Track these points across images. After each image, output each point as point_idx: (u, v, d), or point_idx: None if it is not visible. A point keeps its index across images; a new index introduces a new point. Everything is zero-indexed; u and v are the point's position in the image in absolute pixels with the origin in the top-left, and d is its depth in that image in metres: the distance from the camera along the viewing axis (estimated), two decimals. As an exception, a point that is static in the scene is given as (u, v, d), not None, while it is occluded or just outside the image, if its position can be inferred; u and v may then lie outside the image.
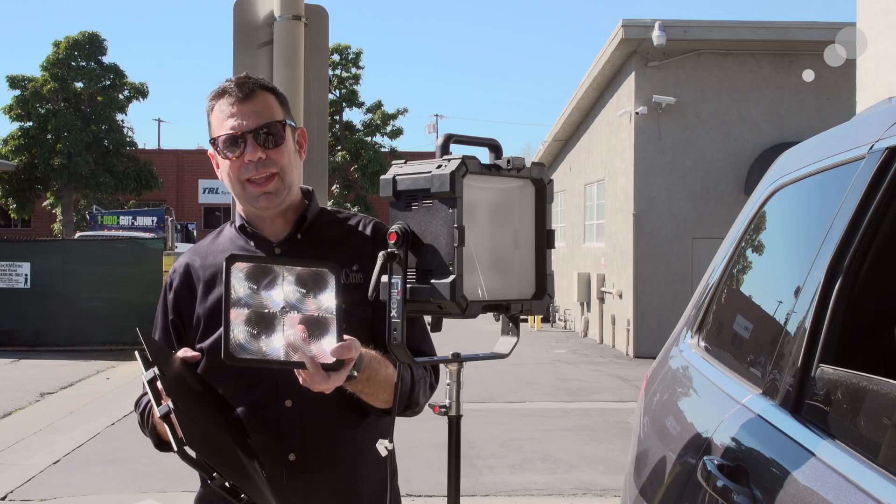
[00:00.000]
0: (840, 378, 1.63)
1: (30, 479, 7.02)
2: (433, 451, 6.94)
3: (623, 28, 14.49)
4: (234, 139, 1.99)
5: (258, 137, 1.99)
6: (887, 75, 6.49)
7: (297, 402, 1.99)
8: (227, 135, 2.00)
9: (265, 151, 2.00)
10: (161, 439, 2.05)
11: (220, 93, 2.05)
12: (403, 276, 1.61)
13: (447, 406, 1.75)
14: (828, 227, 1.86)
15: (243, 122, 2.00)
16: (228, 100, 2.02)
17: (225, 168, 2.05)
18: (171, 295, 2.11)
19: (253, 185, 2.02)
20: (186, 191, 40.90)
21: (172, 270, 2.15)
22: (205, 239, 2.21)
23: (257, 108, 2.02)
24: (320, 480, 2.03)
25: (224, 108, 2.02)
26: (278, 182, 2.03)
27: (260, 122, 2.00)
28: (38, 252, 15.59)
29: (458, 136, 1.71)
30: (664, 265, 14.89)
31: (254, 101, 2.02)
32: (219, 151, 2.03)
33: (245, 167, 2.00)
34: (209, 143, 2.08)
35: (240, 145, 1.99)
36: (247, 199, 2.05)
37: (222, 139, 2.01)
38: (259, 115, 2.01)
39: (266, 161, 2.00)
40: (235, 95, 2.01)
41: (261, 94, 2.04)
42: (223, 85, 2.05)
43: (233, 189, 2.06)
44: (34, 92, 29.79)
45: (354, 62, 33.24)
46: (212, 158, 2.12)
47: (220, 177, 2.11)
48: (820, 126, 4.60)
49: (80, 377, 12.29)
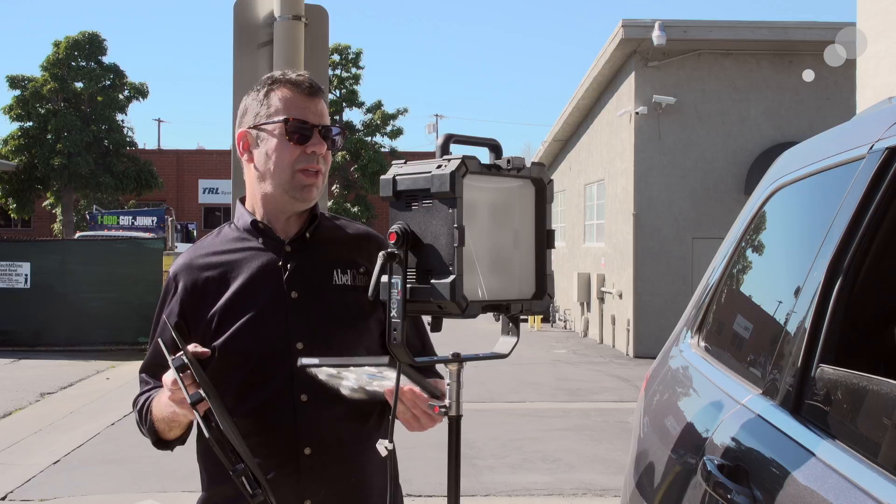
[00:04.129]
0: (840, 378, 1.63)
1: (30, 479, 7.02)
2: (433, 451, 6.94)
3: (623, 28, 14.49)
4: (307, 127, 2.03)
5: (325, 134, 2.05)
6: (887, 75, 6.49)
7: (312, 396, 2.00)
8: (302, 121, 2.03)
9: (326, 149, 2.06)
10: (159, 437, 2.06)
11: (289, 81, 2.07)
12: (403, 276, 1.61)
13: (447, 406, 1.75)
14: (828, 227, 1.86)
15: (316, 116, 2.05)
16: (300, 90, 2.06)
17: (284, 151, 2.03)
18: (174, 299, 2.09)
19: (305, 175, 2.04)
20: (186, 191, 40.90)
21: (173, 274, 2.12)
22: (204, 239, 2.20)
23: (322, 109, 2.09)
24: (334, 474, 2.04)
25: (296, 96, 2.05)
26: (322, 180, 2.09)
27: (326, 120, 2.08)
28: (38, 252, 15.58)
29: (458, 136, 1.71)
30: (664, 265, 14.89)
31: (319, 100, 2.09)
32: (285, 133, 2.03)
33: (305, 157, 2.03)
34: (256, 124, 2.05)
35: (310, 135, 2.03)
36: (292, 187, 2.05)
37: (295, 123, 2.02)
38: (324, 115, 2.09)
39: (321, 158, 2.06)
40: (308, 89, 2.06)
41: (322, 98, 2.11)
42: (289, 75, 2.09)
43: (278, 175, 2.05)
44: (34, 92, 29.77)
45: (354, 62, 33.23)
46: (240, 139, 2.10)
47: (252, 159, 2.08)
48: (820, 126, 4.59)
49: (80, 377, 12.29)
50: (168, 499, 6.37)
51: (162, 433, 2.05)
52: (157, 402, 2.01)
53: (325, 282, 2.08)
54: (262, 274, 2.07)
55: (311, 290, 2.07)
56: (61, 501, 6.47)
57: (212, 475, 2.08)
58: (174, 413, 1.92)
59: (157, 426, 2.04)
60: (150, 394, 2.08)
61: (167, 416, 1.97)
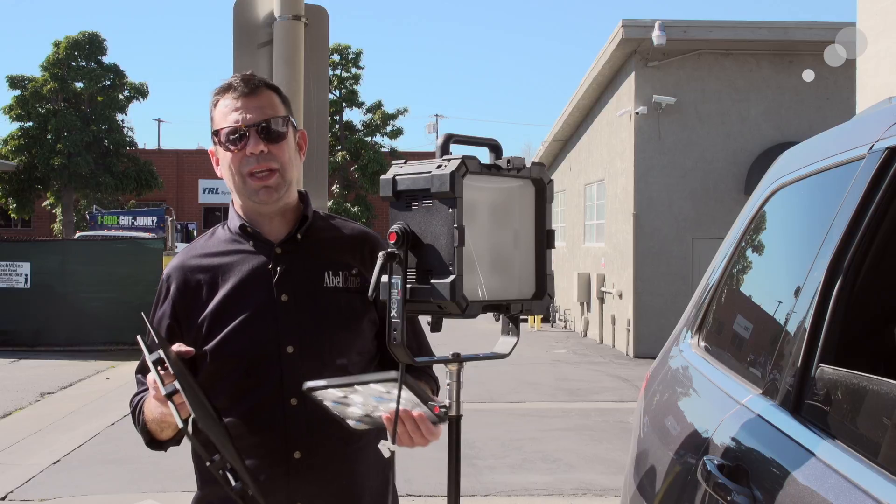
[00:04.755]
0: (840, 378, 1.63)
1: (30, 479, 7.02)
2: (433, 451, 6.92)
3: (623, 28, 14.49)
4: (237, 132, 2.01)
5: (261, 131, 2.02)
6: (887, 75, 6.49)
7: (301, 400, 2.00)
8: (230, 127, 2.02)
9: (267, 145, 2.02)
10: (152, 437, 2.07)
11: (224, 88, 2.07)
12: (403, 276, 1.61)
13: (447, 406, 1.75)
14: (828, 227, 1.86)
15: (247, 115, 2.02)
16: (233, 94, 2.04)
17: (226, 161, 2.05)
18: (167, 301, 2.10)
19: (254, 178, 2.03)
20: (186, 191, 40.90)
21: (166, 276, 2.13)
22: (196, 241, 2.20)
23: (261, 103, 2.04)
24: (324, 478, 2.04)
25: (228, 102, 2.04)
26: (279, 178, 2.04)
27: (263, 116, 2.03)
28: (38, 252, 15.58)
29: (458, 136, 1.71)
30: (664, 265, 14.88)
31: (258, 97, 2.05)
32: (221, 144, 2.04)
33: (247, 160, 2.02)
34: (211, 136, 2.08)
35: (243, 138, 2.01)
36: (247, 192, 2.05)
37: (225, 131, 2.02)
38: (262, 110, 2.03)
39: (267, 155, 2.02)
40: (241, 91, 2.04)
41: (265, 92, 2.07)
42: (228, 81, 2.07)
43: (233, 183, 2.07)
44: (34, 92, 29.78)
45: (354, 62, 33.22)
46: (212, 156, 2.13)
47: (220, 173, 2.11)
48: (820, 126, 4.59)
49: (80, 377, 12.29)
50: (168, 499, 6.37)
51: (154, 434, 2.05)
52: (148, 403, 2.02)
53: (316, 284, 2.08)
54: (253, 277, 2.06)
55: (301, 293, 2.06)
56: (61, 501, 6.47)
57: (204, 473, 2.08)
58: (163, 413, 1.92)
59: (149, 427, 2.05)
60: (144, 394, 2.09)
61: (157, 417, 1.98)
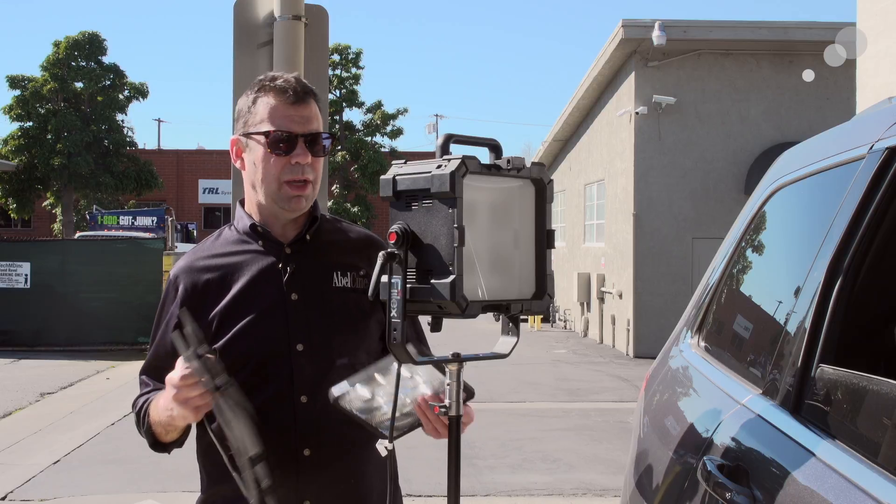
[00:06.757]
0: (840, 378, 1.63)
1: (30, 479, 7.02)
2: (433, 451, 6.93)
3: (623, 28, 14.49)
4: (289, 138, 2.00)
5: (309, 143, 2.01)
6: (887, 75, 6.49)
7: (312, 397, 2.00)
8: (283, 132, 2.00)
9: (312, 158, 2.02)
10: (156, 439, 2.06)
11: (274, 87, 2.02)
12: (403, 276, 1.61)
13: (447, 406, 1.75)
14: (828, 227, 1.86)
15: (299, 124, 2.01)
16: (285, 97, 2.01)
17: (265, 162, 2.02)
18: (176, 302, 2.09)
19: (291, 186, 2.02)
20: (186, 191, 40.89)
21: (173, 277, 2.12)
22: (204, 242, 2.19)
23: (310, 113, 2.03)
24: (334, 476, 2.04)
25: (278, 104, 2.01)
26: (311, 189, 2.05)
27: (311, 127, 2.02)
28: (38, 252, 15.58)
29: (458, 136, 1.71)
30: (664, 265, 14.88)
31: (308, 105, 2.03)
32: (265, 145, 2.01)
33: (290, 168, 2.01)
34: (244, 130, 2.05)
35: (292, 146, 2.00)
36: (280, 198, 2.04)
37: (276, 135, 2.00)
38: (310, 121, 2.03)
39: (308, 167, 2.02)
40: (293, 96, 2.01)
41: (312, 101, 2.05)
42: (279, 81, 2.03)
43: (265, 186, 2.04)
44: (34, 92, 29.77)
45: (354, 62, 33.21)
46: (232, 146, 2.10)
47: (244, 166, 2.08)
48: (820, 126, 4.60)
49: (80, 377, 12.29)
50: (168, 499, 6.37)
51: (159, 436, 2.05)
52: (155, 406, 2.01)
53: (326, 284, 2.08)
54: (262, 276, 2.06)
55: (311, 292, 2.07)
56: (61, 501, 6.47)
57: (211, 475, 2.08)
58: (171, 417, 1.92)
59: (154, 429, 2.04)
60: (149, 396, 2.08)
61: (164, 420, 1.97)
